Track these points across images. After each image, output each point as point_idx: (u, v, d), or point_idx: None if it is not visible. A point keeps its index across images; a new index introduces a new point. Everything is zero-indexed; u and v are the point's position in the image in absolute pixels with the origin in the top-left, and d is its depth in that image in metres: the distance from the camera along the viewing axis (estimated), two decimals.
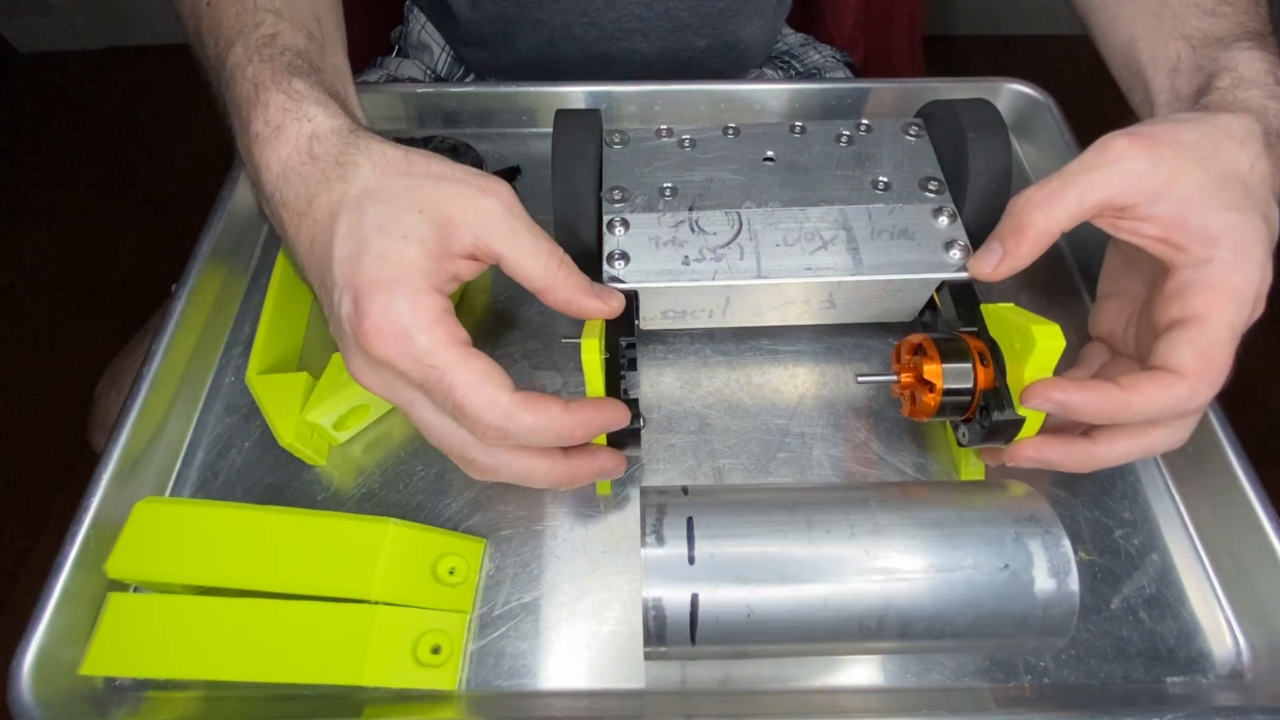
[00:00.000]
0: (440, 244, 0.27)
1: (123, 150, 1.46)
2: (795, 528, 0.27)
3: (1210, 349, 0.27)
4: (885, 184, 0.37)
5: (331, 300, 0.27)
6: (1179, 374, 0.27)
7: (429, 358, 0.26)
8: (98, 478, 0.33)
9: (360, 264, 0.26)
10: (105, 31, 1.61)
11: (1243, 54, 0.32)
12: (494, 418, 0.26)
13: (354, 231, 0.27)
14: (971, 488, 0.30)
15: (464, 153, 0.47)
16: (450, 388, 0.26)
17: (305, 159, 0.29)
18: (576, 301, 0.30)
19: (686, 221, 0.36)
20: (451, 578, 0.31)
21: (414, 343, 0.26)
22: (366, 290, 0.26)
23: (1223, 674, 0.31)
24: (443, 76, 0.62)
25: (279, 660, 0.29)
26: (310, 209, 0.28)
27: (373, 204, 0.27)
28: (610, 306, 0.31)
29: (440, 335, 0.26)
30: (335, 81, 0.32)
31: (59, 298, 1.24)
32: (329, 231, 0.27)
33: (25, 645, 0.29)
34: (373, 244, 0.26)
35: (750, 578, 0.26)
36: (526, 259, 0.28)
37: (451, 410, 0.26)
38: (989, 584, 0.26)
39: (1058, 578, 0.26)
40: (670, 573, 0.26)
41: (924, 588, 0.26)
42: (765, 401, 0.38)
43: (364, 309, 0.26)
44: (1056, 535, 0.27)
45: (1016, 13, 1.60)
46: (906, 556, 0.26)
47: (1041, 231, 0.30)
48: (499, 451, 0.28)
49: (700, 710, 0.30)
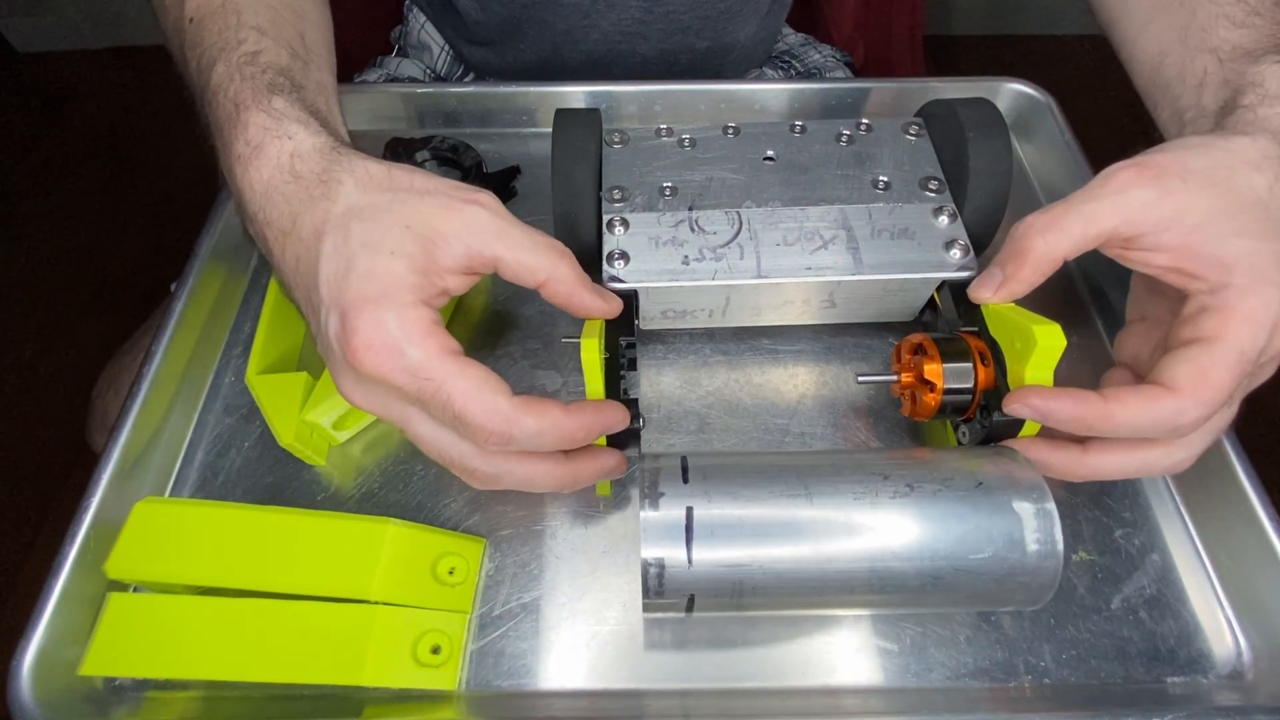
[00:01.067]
0: (427, 258, 0.27)
1: (123, 150, 1.46)
2: (785, 468, 0.28)
3: (1209, 368, 0.26)
4: (885, 183, 0.37)
5: (319, 319, 0.27)
6: (1168, 389, 0.27)
7: (423, 370, 0.25)
8: (97, 478, 0.33)
9: (347, 281, 0.26)
10: (105, 31, 1.61)
11: (1271, 68, 0.31)
12: (496, 424, 0.26)
13: (340, 249, 0.27)
14: (949, 448, 0.31)
15: (464, 152, 0.47)
16: (449, 398, 0.25)
17: (288, 178, 0.28)
18: (578, 295, 0.30)
19: (686, 221, 0.36)
20: (451, 578, 0.31)
21: (406, 356, 0.25)
22: (354, 307, 0.26)
23: (1223, 674, 0.31)
24: (443, 76, 0.62)
25: (279, 660, 0.29)
26: (295, 228, 0.28)
27: (358, 221, 0.27)
28: (609, 307, 0.31)
29: (432, 347, 0.26)
30: (317, 99, 0.32)
31: (59, 298, 1.24)
32: (314, 250, 0.27)
33: (25, 645, 0.29)
34: (359, 261, 0.26)
35: (742, 495, 0.27)
36: (525, 253, 0.28)
37: (451, 421, 0.26)
38: (967, 497, 0.27)
39: (1033, 496, 0.27)
40: (666, 505, 0.27)
41: (904, 503, 0.27)
42: (765, 401, 0.38)
43: (352, 326, 0.25)
44: (1024, 464, 0.28)
45: (1016, 13, 1.61)
46: (884, 478, 0.27)
47: (1042, 257, 0.29)
48: (500, 459, 0.28)
49: (700, 710, 0.30)
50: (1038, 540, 0.26)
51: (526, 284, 0.29)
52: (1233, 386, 0.27)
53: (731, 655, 0.31)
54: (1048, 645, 0.31)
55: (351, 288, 0.26)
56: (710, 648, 0.31)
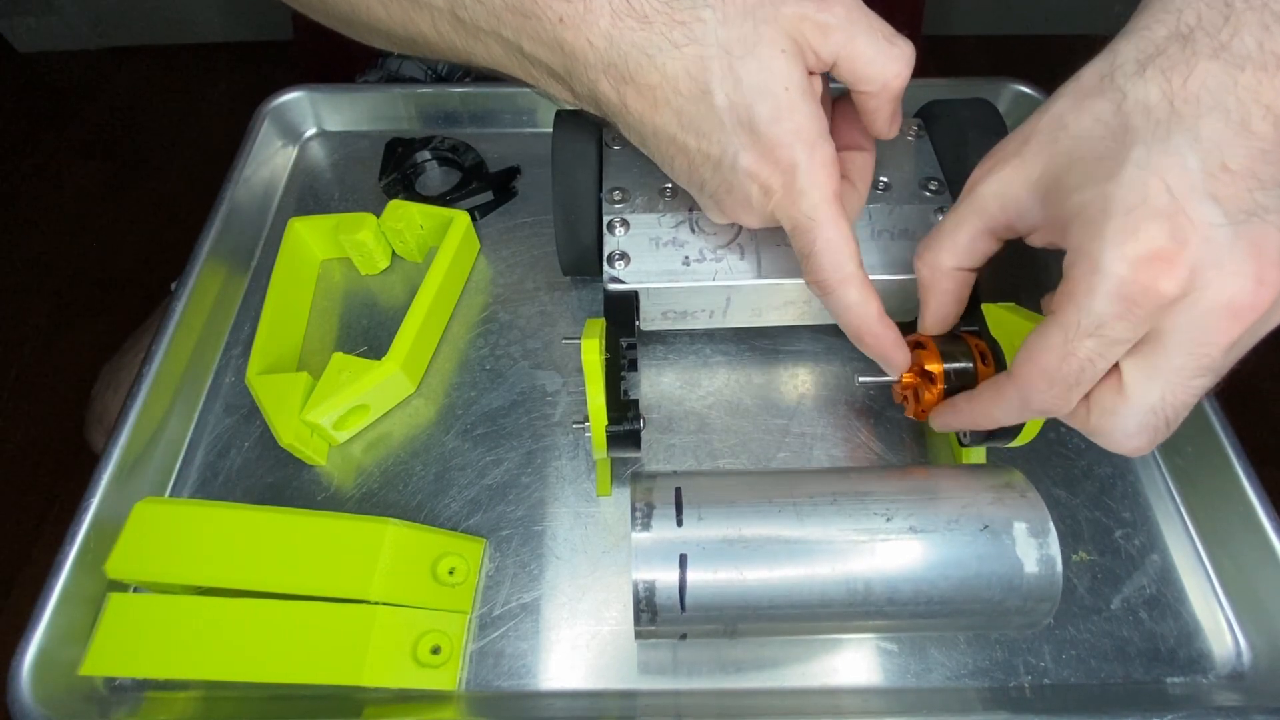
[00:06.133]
0: (811, 84, 0.27)
1: (123, 150, 1.46)
2: (780, 495, 0.28)
3: (1036, 351, 0.24)
4: (885, 184, 0.37)
5: (720, 158, 0.28)
6: (1010, 377, 0.25)
7: (815, 211, 0.28)
8: (97, 478, 0.33)
9: (756, 127, 0.26)
10: (105, 31, 1.61)
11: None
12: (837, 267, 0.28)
13: (736, 97, 0.26)
14: (949, 467, 0.31)
15: (464, 152, 0.47)
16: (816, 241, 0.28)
17: (634, 25, 0.26)
18: (871, 310, 0.29)
19: (687, 222, 0.36)
20: (451, 578, 0.31)
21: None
22: (786, 153, 0.27)
23: (1223, 674, 0.31)
24: (443, 76, 0.62)
25: (279, 660, 0.29)
26: (665, 78, 0.27)
27: (741, 63, 0.26)
28: (898, 359, 0.30)
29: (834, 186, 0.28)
30: None
31: (59, 298, 1.24)
32: (702, 101, 0.27)
33: (25, 645, 0.29)
34: (760, 108, 0.26)
35: (737, 539, 0.26)
36: (878, 58, 0.27)
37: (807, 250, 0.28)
38: (971, 543, 0.26)
39: (1038, 538, 0.26)
40: (659, 536, 0.26)
41: (906, 548, 0.26)
42: (765, 401, 0.38)
43: (805, 171, 0.27)
44: (1033, 499, 0.27)
45: (1016, 13, 1.60)
46: (887, 520, 0.27)
47: (928, 283, 0.29)
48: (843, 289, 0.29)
49: (700, 710, 0.30)
50: (1037, 580, 0.26)
51: (867, 106, 0.29)
52: (1071, 367, 0.23)
53: (732, 655, 0.31)
54: (1048, 645, 0.31)
55: (771, 132, 0.26)
56: (711, 648, 0.31)
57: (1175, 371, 0.22)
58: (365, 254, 0.42)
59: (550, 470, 0.36)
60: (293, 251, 0.41)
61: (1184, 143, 0.21)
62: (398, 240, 0.42)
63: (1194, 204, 0.21)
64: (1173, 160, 0.21)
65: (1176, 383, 0.22)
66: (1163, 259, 0.21)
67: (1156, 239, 0.21)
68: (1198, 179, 0.21)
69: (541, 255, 0.44)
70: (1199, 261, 0.21)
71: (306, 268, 0.42)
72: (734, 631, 0.27)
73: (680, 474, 0.29)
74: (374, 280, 0.43)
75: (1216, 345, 0.21)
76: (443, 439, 0.37)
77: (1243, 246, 0.20)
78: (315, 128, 0.50)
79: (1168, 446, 0.36)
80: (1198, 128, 0.21)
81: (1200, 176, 0.21)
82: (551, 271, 0.43)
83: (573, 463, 0.36)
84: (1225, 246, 0.20)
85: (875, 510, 0.27)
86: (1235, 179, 0.21)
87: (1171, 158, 0.21)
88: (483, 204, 0.45)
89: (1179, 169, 0.21)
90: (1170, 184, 0.21)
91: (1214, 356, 0.22)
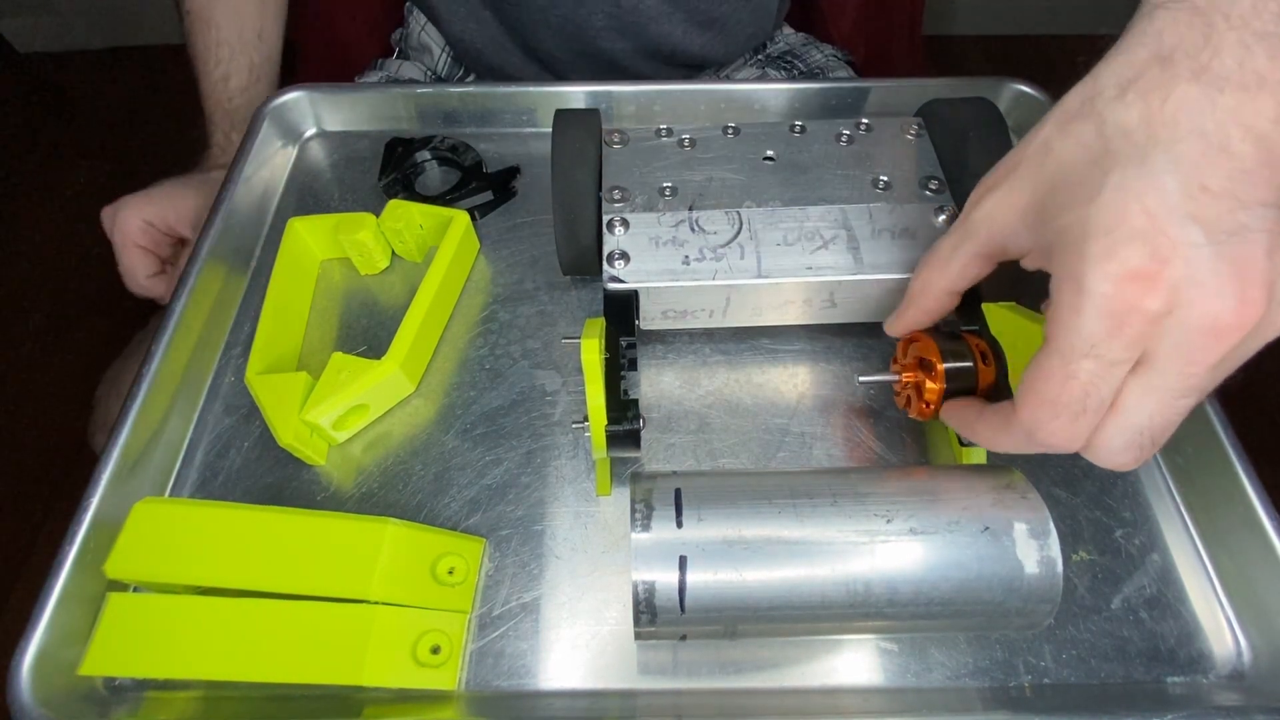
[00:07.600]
0: None
1: (123, 150, 1.46)
2: (780, 496, 0.27)
3: (1035, 381, 0.23)
4: (886, 183, 0.37)
5: None
6: (1015, 408, 0.25)
7: None
8: (97, 478, 0.33)
9: None
10: (105, 31, 1.61)
11: None
12: None
13: None
14: (949, 467, 0.31)
15: (464, 152, 0.47)
16: None
17: None
18: None
19: (686, 221, 0.36)
20: (451, 578, 0.31)
21: None
22: None
23: (1223, 674, 0.31)
24: (443, 77, 0.62)
25: (279, 660, 0.29)
26: None
27: None
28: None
29: None
30: None
31: (59, 298, 1.24)
32: None
33: (25, 645, 0.29)
34: None
35: (737, 540, 0.26)
36: None
37: None
38: (971, 545, 0.26)
39: (1039, 539, 0.26)
40: (659, 537, 0.26)
41: (906, 549, 0.26)
42: (765, 401, 0.38)
43: None
44: (1034, 500, 0.27)
45: (1016, 13, 1.61)
46: (887, 521, 0.27)
47: (915, 304, 0.30)
48: None
49: (701, 711, 0.30)
50: (1037, 582, 0.26)
51: None
52: (1073, 392, 0.23)
53: (732, 655, 0.31)
54: (1048, 645, 0.31)
55: None
56: (711, 648, 0.31)
57: (1165, 390, 0.22)
58: (365, 254, 0.42)
59: (550, 470, 0.36)
60: (292, 251, 0.41)
61: (1162, 165, 0.21)
62: (397, 240, 0.42)
63: (1173, 225, 0.21)
64: (1150, 183, 0.21)
65: (1165, 402, 0.23)
66: (1144, 277, 0.21)
67: (1136, 258, 0.21)
68: (1176, 200, 0.21)
69: (541, 255, 0.44)
70: (1180, 280, 0.21)
71: (306, 268, 0.42)
72: (734, 632, 0.27)
73: (680, 474, 0.29)
74: (374, 280, 0.43)
75: (1202, 364, 0.22)
76: (442, 439, 0.37)
77: (1225, 266, 0.21)
78: (315, 128, 0.50)
79: (1167, 446, 0.36)
80: (1175, 150, 0.21)
81: (1179, 198, 0.21)
82: (551, 271, 0.43)
83: (572, 462, 0.36)
84: (1207, 266, 0.21)
85: (875, 511, 0.27)
86: (1215, 199, 0.21)
87: (1149, 180, 0.21)
88: (482, 204, 0.45)
89: (1157, 191, 0.21)
90: (1148, 206, 0.21)
91: (1200, 375, 0.22)
